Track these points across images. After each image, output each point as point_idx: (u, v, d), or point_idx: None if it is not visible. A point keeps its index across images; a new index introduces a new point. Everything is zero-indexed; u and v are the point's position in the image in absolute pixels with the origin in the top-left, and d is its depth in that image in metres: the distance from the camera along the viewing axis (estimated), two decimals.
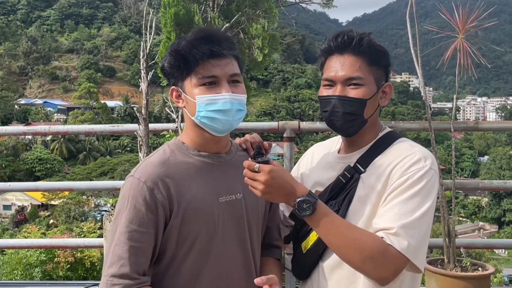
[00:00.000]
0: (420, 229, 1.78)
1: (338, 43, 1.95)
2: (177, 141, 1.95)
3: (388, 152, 1.93)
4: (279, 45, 10.00)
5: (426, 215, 1.80)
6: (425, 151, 1.90)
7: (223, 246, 1.87)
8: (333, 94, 1.94)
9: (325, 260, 1.95)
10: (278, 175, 1.75)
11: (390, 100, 2.06)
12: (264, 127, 4.05)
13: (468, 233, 55.37)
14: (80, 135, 64.65)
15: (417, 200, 1.80)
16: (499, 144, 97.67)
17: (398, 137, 2.00)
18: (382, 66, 1.98)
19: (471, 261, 3.50)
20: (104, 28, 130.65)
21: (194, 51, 1.79)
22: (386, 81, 2.01)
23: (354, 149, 2.01)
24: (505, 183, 3.89)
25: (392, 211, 1.79)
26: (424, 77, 3.88)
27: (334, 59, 1.96)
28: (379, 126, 2.04)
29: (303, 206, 1.76)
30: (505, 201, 60.71)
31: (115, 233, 1.78)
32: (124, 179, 1.93)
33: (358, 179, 1.92)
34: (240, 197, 1.91)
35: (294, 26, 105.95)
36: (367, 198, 1.88)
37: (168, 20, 8.21)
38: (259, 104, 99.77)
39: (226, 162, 1.92)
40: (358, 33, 1.95)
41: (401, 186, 1.82)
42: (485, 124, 3.93)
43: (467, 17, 3.78)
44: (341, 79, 1.93)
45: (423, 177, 1.82)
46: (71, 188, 4.47)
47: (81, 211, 39.35)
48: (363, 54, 1.93)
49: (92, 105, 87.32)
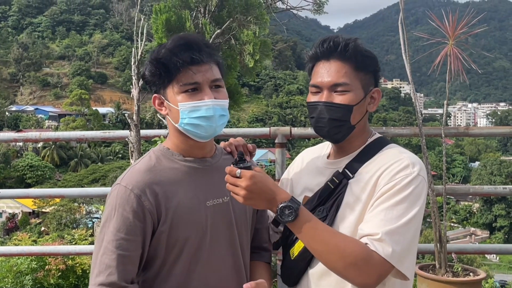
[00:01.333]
0: (405, 236, 1.76)
1: (324, 49, 1.95)
2: (162, 147, 1.95)
3: (376, 158, 1.93)
4: (271, 51, 10.03)
5: (413, 222, 1.78)
6: (414, 158, 1.90)
7: (213, 251, 1.87)
8: (319, 100, 1.94)
9: (313, 267, 1.94)
10: (260, 180, 1.74)
11: (381, 106, 2.06)
12: (256, 133, 4.05)
13: (460, 238, 55.51)
14: (72, 142, 64.38)
15: (403, 206, 1.78)
16: (490, 150, 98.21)
17: (387, 143, 2.00)
18: (370, 72, 1.97)
19: (462, 267, 3.51)
20: (96, 34, 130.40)
21: (174, 58, 1.80)
22: (375, 87, 2.01)
23: (343, 154, 2.00)
24: (495, 188, 3.90)
25: (377, 217, 1.78)
26: (415, 83, 3.90)
27: (321, 65, 1.96)
28: (368, 132, 2.04)
29: (285, 212, 1.75)
30: (496, 206, 60.91)
31: (102, 241, 1.77)
32: None
33: (346, 185, 1.91)
34: (227, 200, 1.91)
35: (286, 33, 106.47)
36: (355, 203, 1.87)
37: (159, 26, 8.23)
38: (251, 110, 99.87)
39: (211, 166, 1.93)
40: (344, 39, 1.94)
41: (388, 192, 1.81)
42: (475, 130, 3.94)
43: (457, 23, 3.80)
44: (327, 85, 1.93)
45: (411, 183, 1.81)
46: (62, 195, 4.44)
47: (72, 218, 39.10)
48: (350, 59, 1.92)
49: (83, 111, 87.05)
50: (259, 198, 1.75)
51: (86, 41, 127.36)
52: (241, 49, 9.05)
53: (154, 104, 1.91)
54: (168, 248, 1.82)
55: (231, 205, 1.93)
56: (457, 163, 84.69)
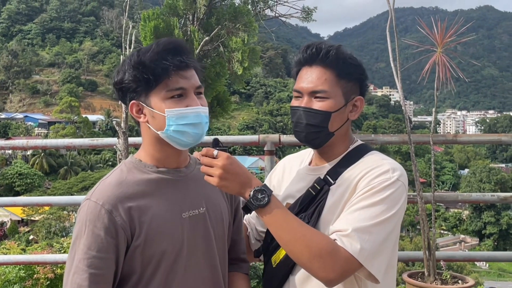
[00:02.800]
0: (376, 236, 1.75)
1: (307, 55, 1.96)
2: (134, 159, 1.88)
3: (358, 164, 1.93)
4: (260, 59, 10.07)
5: (386, 224, 1.77)
6: (395, 164, 1.90)
7: (190, 264, 1.82)
8: (299, 105, 1.95)
9: (295, 274, 1.93)
10: (236, 162, 1.75)
11: (371, 114, 2.06)
12: (245, 140, 4.04)
13: (450, 246, 55.69)
14: (61, 150, 64.04)
15: (378, 208, 1.78)
16: (479, 157, 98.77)
17: (369, 150, 2.00)
18: (354, 79, 1.97)
19: (451, 274, 3.52)
20: (86, 42, 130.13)
21: (164, 63, 1.73)
22: (362, 95, 2.00)
23: (325, 161, 2.01)
24: (483, 195, 3.91)
25: (350, 216, 1.78)
26: (405, 91, 3.91)
27: (304, 70, 1.98)
28: (350, 139, 2.04)
29: (258, 196, 1.75)
30: (485, 213, 61.20)
31: (73, 260, 1.70)
32: None
33: (328, 191, 1.91)
34: (204, 211, 1.86)
35: (275, 40, 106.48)
36: (336, 209, 1.87)
37: (147, 33, 8.23)
38: (242, 117, 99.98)
39: (186, 176, 1.87)
40: (327, 46, 1.95)
41: (364, 194, 1.81)
42: (463, 137, 3.96)
43: (446, 31, 3.83)
44: (307, 91, 1.94)
45: (389, 187, 1.81)
46: (49, 203, 4.41)
47: (61, 227, 38.85)
48: (331, 66, 1.92)
49: (73, 119, 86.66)
50: (234, 180, 1.74)
51: (76, 49, 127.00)
52: (230, 56, 9.07)
53: (132, 112, 1.82)
54: (144, 263, 1.76)
55: (207, 216, 1.88)
56: (446, 170, 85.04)
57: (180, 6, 11.85)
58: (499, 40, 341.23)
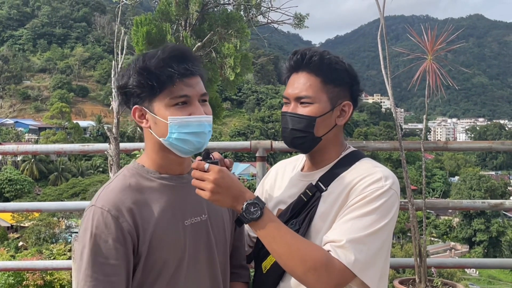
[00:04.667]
0: (370, 246, 1.75)
1: (293, 62, 1.98)
2: (136, 164, 1.86)
3: (350, 171, 1.93)
4: (252, 66, 10.07)
5: (380, 233, 1.78)
6: (387, 172, 1.89)
7: (191, 272, 1.80)
8: (286, 110, 1.98)
9: (285, 281, 1.92)
10: (228, 175, 1.73)
11: (362, 121, 2.06)
12: (237, 146, 4.04)
13: (440, 253, 55.85)
14: (52, 156, 63.69)
15: (371, 217, 1.78)
16: (469, 165, 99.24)
17: (362, 156, 2.00)
18: (342, 85, 1.96)
19: (442, 281, 3.52)
20: (77, 47, 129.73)
21: (169, 70, 1.71)
22: (353, 100, 2.00)
23: (317, 167, 2.01)
24: (474, 202, 3.93)
25: (344, 226, 1.78)
26: (396, 98, 3.93)
27: (292, 77, 2.00)
28: (343, 145, 2.03)
29: (251, 210, 1.73)
30: (475, 221, 61.45)
31: (81, 269, 1.67)
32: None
33: (320, 198, 1.91)
34: (205, 218, 1.85)
35: (267, 47, 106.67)
36: (327, 216, 1.86)
37: (140, 38, 8.20)
38: (233, 124, 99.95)
39: (189, 183, 1.81)
40: (312, 52, 1.96)
41: (357, 203, 1.81)
42: (454, 145, 3.98)
43: (436, 39, 3.85)
44: (293, 97, 1.96)
45: (382, 196, 1.81)
46: (39, 209, 4.37)
47: (51, 233, 38.57)
48: (316, 72, 1.94)
49: (64, 125, 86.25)
50: (226, 193, 1.72)
51: (67, 54, 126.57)
52: (222, 62, 9.07)
53: (134, 116, 1.81)
54: (146, 270, 1.74)
55: (209, 223, 1.86)
56: (437, 177, 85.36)
57: (173, 11, 11.85)
58: (489, 48, 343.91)
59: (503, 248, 59.75)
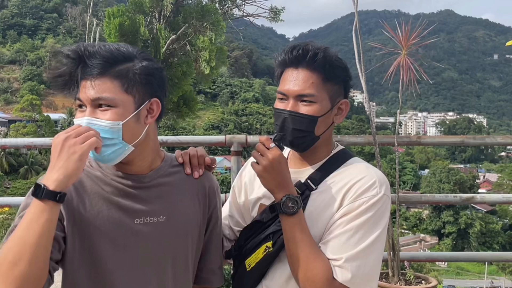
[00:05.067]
0: (367, 259, 1.75)
1: (293, 57, 1.89)
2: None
3: (342, 172, 1.89)
4: (227, 59, 10.01)
5: (376, 243, 1.77)
6: (380, 175, 1.87)
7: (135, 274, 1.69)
8: (285, 108, 1.88)
9: (268, 279, 1.90)
10: (284, 163, 1.80)
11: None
12: (212, 140, 4.01)
13: (410, 244, 56.70)
14: (22, 149, 62.67)
15: (366, 229, 1.77)
16: (439, 158, 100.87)
17: (351, 156, 1.97)
18: (339, 82, 1.92)
19: (414, 274, 3.56)
20: (48, 39, 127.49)
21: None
22: (345, 97, 1.96)
23: (306, 164, 1.96)
24: (446, 196, 3.98)
25: (339, 239, 1.77)
26: (368, 92, 3.94)
27: (289, 72, 1.90)
28: (332, 143, 2.00)
29: (288, 204, 1.77)
30: (444, 213, 62.59)
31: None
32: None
33: (309, 196, 1.87)
34: (163, 219, 1.74)
35: (242, 40, 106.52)
36: (318, 216, 1.83)
37: (112, 30, 8.06)
38: (207, 117, 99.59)
39: (150, 183, 1.74)
40: (314, 48, 1.87)
41: (352, 213, 1.78)
42: (427, 139, 4.02)
43: (409, 34, 3.88)
44: (293, 94, 1.87)
45: (376, 204, 1.79)
46: (8, 204, 4.28)
47: None
48: (318, 69, 1.86)
49: (34, 117, 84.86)
50: (275, 177, 1.79)
51: (38, 46, 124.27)
52: (197, 55, 8.99)
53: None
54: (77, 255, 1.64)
55: (167, 226, 1.75)
56: (407, 170, 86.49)
57: (146, 3, 11.67)
58: (458, 43, 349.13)
59: (471, 240, 61.00)
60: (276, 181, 1.79)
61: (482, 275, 55.84)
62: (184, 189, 1.81)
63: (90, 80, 1.61)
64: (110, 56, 1.61)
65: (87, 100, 1.61)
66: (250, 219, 2.01)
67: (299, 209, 1.78)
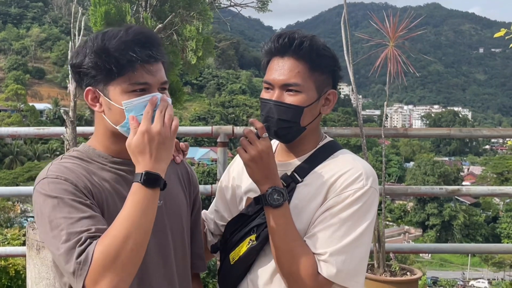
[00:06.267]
0: (353, 254, 1.73)
1: (279, 45, 1.85)
2: (87, 147, 1.74)
3: (328, 163, 1.86)
4: (214, 50, 9.94)
5: (362, 237, 1.75)
6: (367, 167, 1.84)
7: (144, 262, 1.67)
8: (270, 98, 1.85)
9: (252, 273, 1.88)
10: (272, 156, 1.77)
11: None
12: (198, 131, 4.00)
13: (394, 236, 57.17)
14: (6, 139, 62.10)
15: (352, 222, 1.74)
16: (424, 151, 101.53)
17: (339, 148, 1.93)
18: (327, 72, 1.88)
19: (399, 266, 3.58)
20: (34, 28, 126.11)
21: (131, 54, 1.58)
22: (333, 88, 1.92)
23: (292, 156, 1.92)
24: (432, 188, 4.01)
25: (324, 233, 1.74)
26: (355, 85, 3.94)
27: (275, 61, 1.87)
28: (320, 135, 1.96)
29: (274, 196, 1.74)
30: (429, 205, 63.18)
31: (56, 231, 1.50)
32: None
33: (294, 189, 1.85)
34: (161, 204, 1.73)
35: (230, 31, 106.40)
36: (303, 209, 1.81)
37: (98, 19, 7.95)
38: (194, 109, 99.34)
39: None
40: (300, 36, 1.84)
41: (338, 206, 1.75)
42: (414, 131, 4.04)
43: (397, 26, 3.87)
44: (279, 84, 1.84)
45: (362, 197, 1.76)
46: None
47: (6, 217, 37.76)
48: (304, 58, 1.82)
49: (19, 107, 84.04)
50: (262, 168, 1.75)
51: (23, 35, 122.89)
52: (183, 45, 8.91)
53: (87, 99, 1.67)
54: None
55: (164, 210, 1.76)
56: (392, 163, 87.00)
57: None
58: (445, 36, 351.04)
59: (455, 232, 61.69)
60: (263, 172, 1.76)
61: (465, 267, 56.55)
62: (171, 174, 1.79)
63: None
64: None
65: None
66: (237, 213, 1.98)
67: (284, 201, 1.75)
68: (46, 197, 1.56)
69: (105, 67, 1.60)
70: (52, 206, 1.54)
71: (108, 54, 1.59)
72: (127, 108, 1.61)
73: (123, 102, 1.60)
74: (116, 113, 1.63)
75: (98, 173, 1.68)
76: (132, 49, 1.59)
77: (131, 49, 1.59)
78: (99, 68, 1.61)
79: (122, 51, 1.59)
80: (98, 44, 1.62)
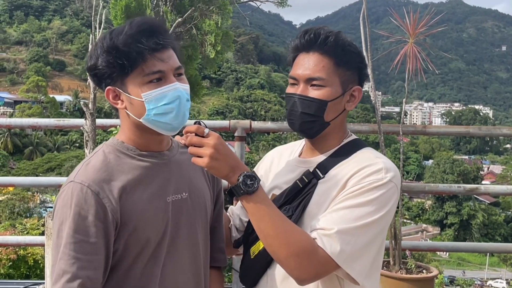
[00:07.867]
0: (359, 239, 1.68)
1: (305, 41, 1.86)
2: (115, 141, 1.77)
3: (350, 160, 1.85)
4: (233, 44, 9.96)
5: (371, 226, 1.71)
6: (389, 163, 1.81)
7: (171, 250, 1.74)
8: (294, 92, 1.86)
9: (273, 268, 1.86)
10: (225, 144, 1.67)
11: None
12: (216, 125, 4.01)
13: (412, 234, 56.84)
14: (27, 129, 62.82)
15: (365, 209, 1.70)
16: (443, 149, 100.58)
17: (363, 145, 1.92)
18: (353, 68, 1.88)
19: (415, 263, 3.56)
20: (55, 20, 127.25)
21: (138, 46, 1.61)
22: (360, 84, 1.92)
23: (316, 153, 1.92)
24: (450, 187, 3.98)
25: (335, 214, 1.71)
26: (374, 81, 3.92)
27: (301, 56, 1.88)
28: (345, 132, 1.95)
29: (247, 182, 1.67)
30: (447, 204, 62.60)
31: (59, 247, 1.58)
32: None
33: (316, 185, 1.83)
34: (186, 196, 1.78)
35: (249, 26, 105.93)
36: (322, 205, 1.79)
37: (118, 12, 8.02)
38: (212, 103, 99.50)
39: (169, 160, 1.78)
40: (325, 31, 1.85)
41: (353, 193, 1.73)
42: (432, 129, 4.01)
43: (417, 22, 3.85)
44: (303, 78, 1.84)
45: (379, 188, 1.73)
46: (12, 184, 4.32)
47: (26, 207, 38.23)
48: (329, 53, 1.83)
49: (40, 99, 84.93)
50: (224, 161, 1.65)
51: (44, 27, 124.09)
52: (202, 39, 8.94)
53: (108, 98, 1.72)
54: (127, 249, 1.67)
55: (190, 202, 1.79)
56: (411, 160, 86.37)
57: None
58: (467, 34, 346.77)
59: (474, 231, 61.05)
60: (227, 164, 1.67)
61: (483, 266, 55.99)
62: (195, 167, 1.79)
63: None
64: None
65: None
66: None
67: (258, 183, 1.70)
68: (63, 206, 1.63)
69: (117, 63, 1.64)
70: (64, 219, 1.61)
71: (118, 51, 1.63)
72: (147, 100, 1.65)
73: (142, 95, 1.65)
74: (138, 106, 1.67)
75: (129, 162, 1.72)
76: (139, 40, 1.63)
77: (138, 41, 1.62)
78: (112, 66, 1.65)
79: (130, 44, 1.62)
80: (108, 43, 1.66)
